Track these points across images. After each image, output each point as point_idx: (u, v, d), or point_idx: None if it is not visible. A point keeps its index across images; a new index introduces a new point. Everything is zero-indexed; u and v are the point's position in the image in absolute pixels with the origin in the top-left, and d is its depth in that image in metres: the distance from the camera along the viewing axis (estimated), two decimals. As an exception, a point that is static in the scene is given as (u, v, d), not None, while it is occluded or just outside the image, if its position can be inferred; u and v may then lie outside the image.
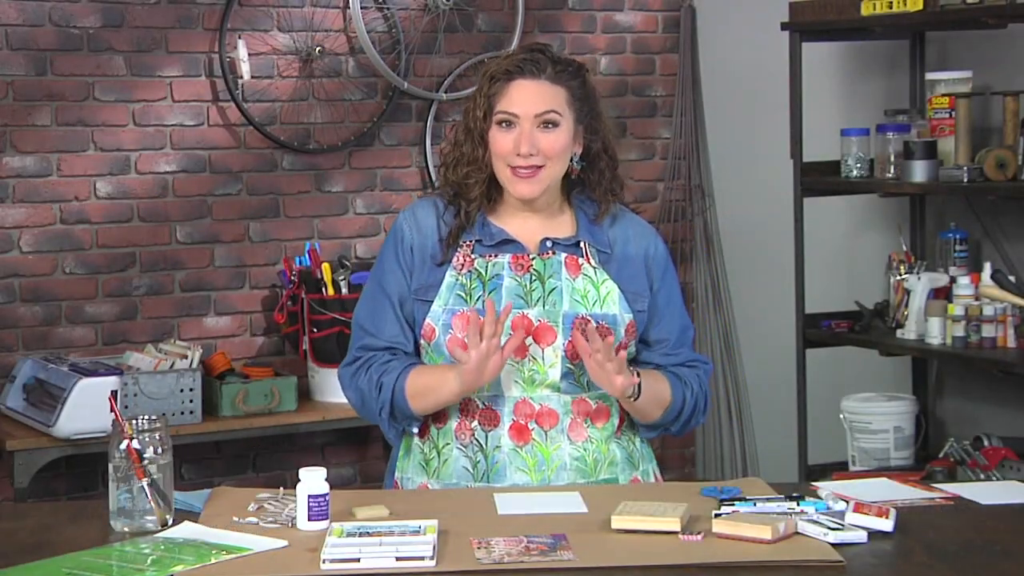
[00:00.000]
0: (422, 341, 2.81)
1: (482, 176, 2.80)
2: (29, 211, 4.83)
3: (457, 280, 2.79)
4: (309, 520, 2.44)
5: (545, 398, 2.77)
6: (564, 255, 2.81)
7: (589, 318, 2.76)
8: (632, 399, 2.75)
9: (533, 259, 2.81)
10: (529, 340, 2.75)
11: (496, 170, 2.80)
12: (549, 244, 2.82)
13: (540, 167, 2.77)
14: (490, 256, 2.81)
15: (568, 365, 2.76)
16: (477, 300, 2.77)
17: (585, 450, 2.78)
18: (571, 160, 2.83)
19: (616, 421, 2.82)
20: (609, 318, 2.78)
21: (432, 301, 2.79)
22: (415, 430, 2.84)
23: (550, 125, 2.77)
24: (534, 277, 2.79)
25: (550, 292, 2.78)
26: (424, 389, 2.76)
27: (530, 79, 2.77)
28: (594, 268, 2.82)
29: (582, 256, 2.82)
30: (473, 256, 2.81)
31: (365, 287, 2.91)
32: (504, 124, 2.77)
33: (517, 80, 2.77)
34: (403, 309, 2.83)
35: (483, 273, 2.79)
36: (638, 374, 2.75)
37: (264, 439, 5.07)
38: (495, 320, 2.65)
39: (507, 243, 2.82)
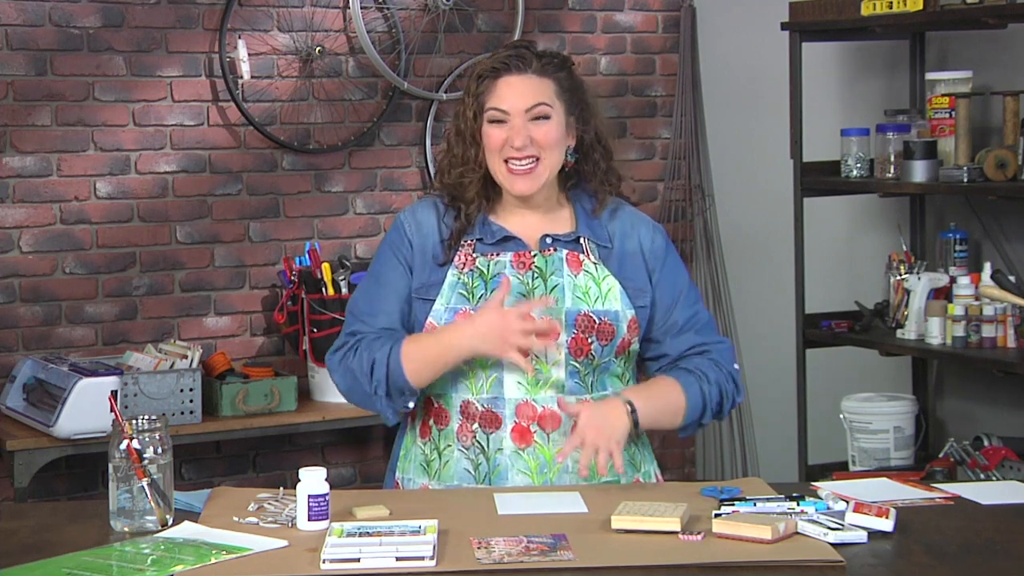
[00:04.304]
0: (423, 340, 2.81)
1: (476, 176, 2.80)
2: (29, 211, 4.83)
3: (459, 279, 2.79)
4: (309, 520, 2.44)
5: (548, 400, 2.76)
6: (565, 252, 2.81)
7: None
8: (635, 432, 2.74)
9: (535, 256, 2.81)
10: (532, 339, 2.74)
11: (491, 168, 2.79)
12: (549, 241, 2.82)
13: (536, 159, 2.76)
14: (492, 255, 2.81)
15: (573, 363, 2.75)
16: (479, 299, 2.77)
17: (587, 453, 2.78)
18: (565, 153, 2.83)
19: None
20: (611, 314, 2.78)
21: (434, 300, 2.79)
22: (411, 405, 2.79)
23: (541, 119, 2.77)
24: (536, 275, 2.79)
25: (552, 289, 2.78)
26: (423, 348, 2.72)
27: (517, 74, 2.78)
28: (595, 264, 2.81)
29: (582, 252, 2.82)
30: (475, 255, 2.81)
31: (361, 282, 2.91)
32: (496, 122, 2.77)
33: (504, 77, 2.78)
34: (399, 299, 2.81)
35: (485, 271, 2.79)
36: (631, 407, 2.71)
37: (264, 439, 5.07)
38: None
39: (508, 240, 2.82)
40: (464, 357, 2.72)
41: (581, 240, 2.83)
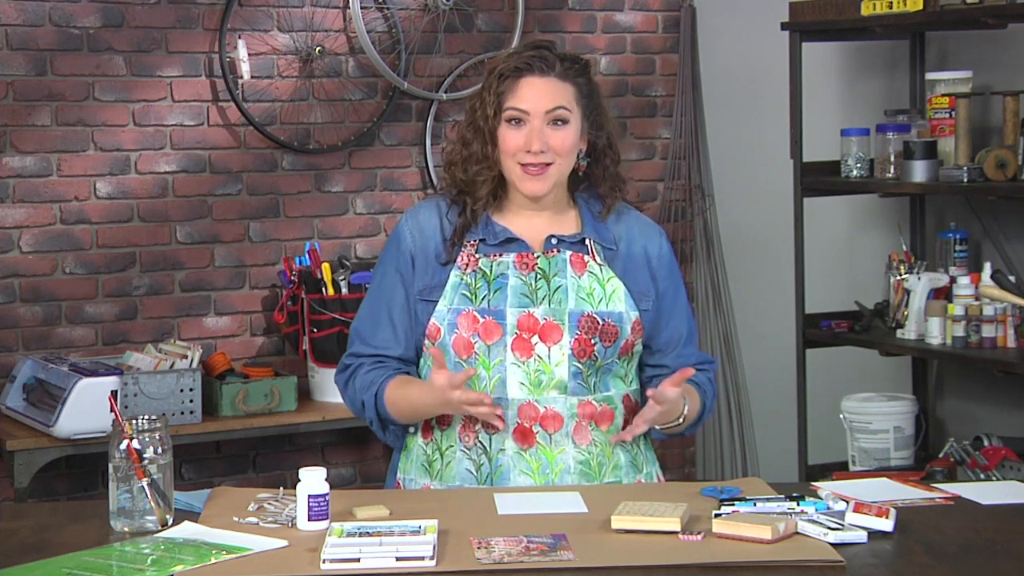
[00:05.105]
0: (427, 341, 2.80)
1: (491, 174, 2.79)
2: (29, 211, 4.83)
3: (462, 280, 2.79)
4: (309, 520, 2.44)
5: (551, 401, 2.76)
6: (569, 253, 2.81)
7: (597, 315, 2.76)
8: (677, 425, 2.80)
9: (538, 257, 2.80)
10: (535, 339, 2.75)
11: (505, 168, 2.79)
12: (554, 242, 2.82)
13: (549, 164, 2.77)
14: (495, 255, 2.80)
15: (576, 364, 2.75)
16: (482, 300, 2.77)
17: (589, 454, 2.78)
18: (577, 157, 2.83)
19: (620, 423, 2.82)
20: (615, 316, 2.78)
21: (437, 301, 2.79)
22: (412, 431, 2.84)
23: (560, 122, 2.77)
24: (539, 276, 2.79)
25: (555, 290, 2.78)
26: (402, 405, 2.78)
27: (539, 76, 2.77)
28: (600, 265, 2.81)
29: (587, 253, 2.82)
30: (478, 255, 2.80)
31: (365, 296, 2.92)
32: (514, 122, 2.77)
33: (527, 77, 2.77)
34: (398, 317, 2.83)
35: (488, 272, 2.79)
36: (684, 414, 2.78)
37: (264, 439, 5.07)
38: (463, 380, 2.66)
39: (512, 242, 2.81)
40: (437, 414, 2.78)
41: (586, 241, 2.83)
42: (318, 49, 5.18)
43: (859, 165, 4.74)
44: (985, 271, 4.39)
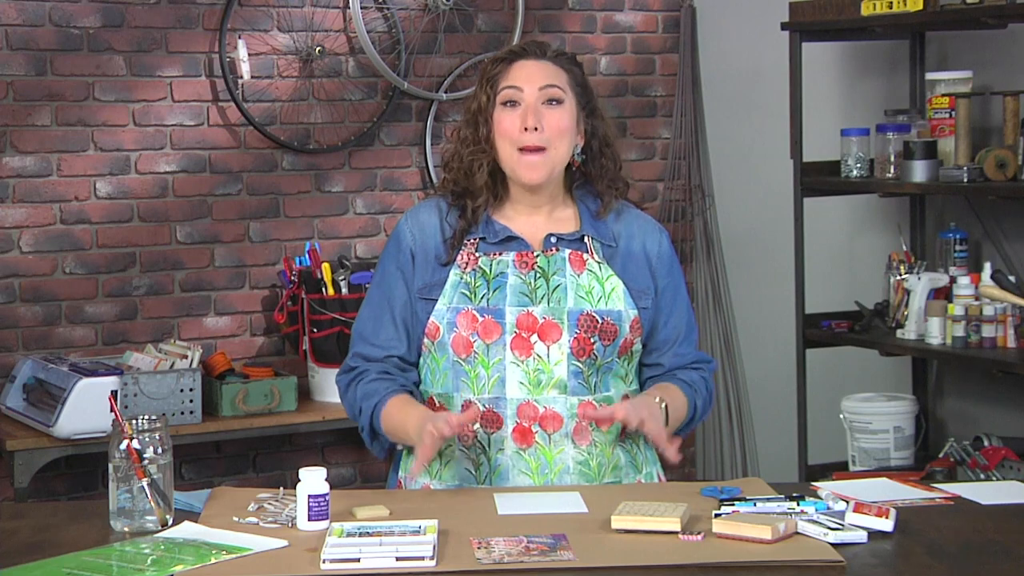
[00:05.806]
0: (426, 340, 2.80)
1: (487, 158, 2.80)
2: (29, 211, 4.83)
3: (461, 279, 2.79)
4: (309, 520, 2.44)
5: (550, 401, 2.76)
6: (568, 251, 2.81)
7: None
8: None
9: (537, 256, 2.80)
10: (534, 338, 2.75)
11: (502, 155, 2.79)
12: (553, 240, 2.82)
13: (545, 148, 2.77)
14: (494, 254, 2.80)
15: (575, 363, 2.75)
16: (481, 298, 2.77)
17: (589, 454, 2.78)
18: (573, 153, 2.84)
19: (620, 424, 2.81)
20: (614, 314, 2.78)
21: (436, 300, 2.79)
22: (399, 448, 2.84)
23: (554, 102, 2.79)
24: (538, 274, 2.79)
25: (555, 289, 2.78)
26: (394, 426, 2.78)
27: (533, 59, 2.82)
28: (599, 263, 2.81)
29: (586, 251, 2.82)
30: (477, 254, 2.80)
31: (365, 298, 2.92)
32: (509, 104, 2.78)
33: (520, 60, 2.82)
34: (401, 315, 2.83)
35: (487, 271, 2.79)
36: (664, 404, 2.76)
37: (264, 439, 5.07)
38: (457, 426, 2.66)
39: (511, 240, 2.81)
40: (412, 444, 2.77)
41: (585, 239, 2.83)
42: (318, 49, 5.18)
43: (859, 165, 4.74)
44: (985, 271, 4.39)
